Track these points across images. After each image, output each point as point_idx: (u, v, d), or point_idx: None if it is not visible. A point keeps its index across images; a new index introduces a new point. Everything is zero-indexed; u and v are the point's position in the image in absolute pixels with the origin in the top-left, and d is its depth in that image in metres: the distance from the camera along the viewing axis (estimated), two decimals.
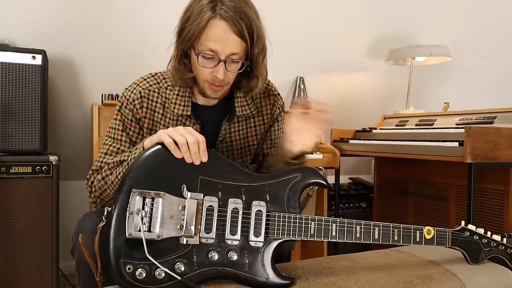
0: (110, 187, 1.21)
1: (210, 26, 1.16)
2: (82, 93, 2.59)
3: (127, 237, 1.00)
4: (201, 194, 1.07)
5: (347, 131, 2.89)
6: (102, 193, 1.25)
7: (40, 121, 2.06)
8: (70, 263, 2.32)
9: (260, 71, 1.29)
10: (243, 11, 1.17)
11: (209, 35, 1.17)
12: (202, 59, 1.20)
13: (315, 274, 1.18)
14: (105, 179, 1.23)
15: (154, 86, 1.32)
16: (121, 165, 1.19)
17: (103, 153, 1.29)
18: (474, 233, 1.29)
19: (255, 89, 1.34)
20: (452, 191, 2.38)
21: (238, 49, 1.19)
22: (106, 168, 1.24)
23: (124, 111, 1.30)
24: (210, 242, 1.06)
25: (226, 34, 1.17)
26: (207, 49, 1.18)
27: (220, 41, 1.17)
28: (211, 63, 1.20)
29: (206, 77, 1.23)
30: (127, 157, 1.18)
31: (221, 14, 1.15)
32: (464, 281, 1.19)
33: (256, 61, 1.25)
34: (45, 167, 2.02)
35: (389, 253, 1.41)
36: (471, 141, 1.85)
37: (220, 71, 1.20)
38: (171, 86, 1.32)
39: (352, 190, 3.06)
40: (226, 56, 1.19)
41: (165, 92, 1.32)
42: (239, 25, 1.16)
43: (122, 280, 0.98)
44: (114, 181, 1.19)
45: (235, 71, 1.25)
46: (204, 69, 1.21)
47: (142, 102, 1.29)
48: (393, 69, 3.42)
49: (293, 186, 1.15)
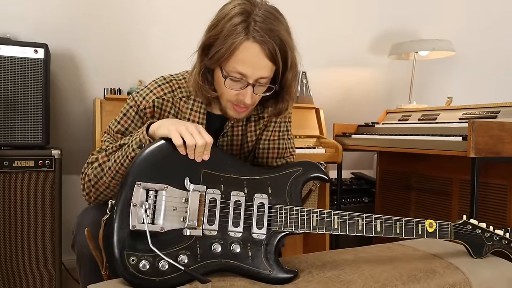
0: (107, 174, 1.16)
1: (242, 48, 1.10)
2: (84, 87, 2.59)
3: (131, 229, 1.00)
4: (204, 186, 1.07)
5: (349, 125, 2.89)
6: (97, 182, 1.19)
7: (43, 115, 2.06)
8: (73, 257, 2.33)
9: (291, 95, 1.25)
10: (278, 33, 1.11)
11: (240, 58, 1.11)
12: (230, 82, 1.15)
13: (318, 268, 1.18)
14: (102, 166, 1.18)
15: (169, 95, 1.26)
16: (120, 149, 1.15)
17: (101, 148, 1.25)
18: (477, 227, 1.30)
19: (284, 112, 1.30)
20: (455, 186, 2.38)
21: (268, 73, 1.15)
22: (103, 155, 1.19)
23: (133, 116, 1.25)
24: (213, 234, 1.06)
25: (258, 58, 1.11)
26: (236, 71, 1.13)
27: (251, 65, 1.12)
28: (238, 85, 1.16)
29: (231, 98, 1.19)
30: (127, 140, 1.14)
31: (254, 37, 1.09)
32: (467, 275, 1.19)
33: (289, 86, 1.21)
34: (48, 161, 2.02)
35: (392, 247, 1.41)
36: (474, 135, 1.85)
37: (247, 95, 1.16)
38: (186, 97, 1.27)
39: (354, 185, 3.06)
40: (255, 80, 1.14)
41: (178, 103, 1.27)
42: (272, 49, 1.11)
43: (126, 272, 0.99)
44: (112, 166, 1.15)
45: (262, 94, 1.21)
46: (230, 90, 1.17)
47: (154, 112, 1.25)
48: (396, 63, 3.42)
49: (294, 179, 1.16)
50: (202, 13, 1.26)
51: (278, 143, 1.40)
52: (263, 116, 1.36)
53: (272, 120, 1.38)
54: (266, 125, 1.39)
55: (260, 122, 1.37)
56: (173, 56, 2.64)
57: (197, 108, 1.28)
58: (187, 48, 1.29)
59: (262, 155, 1.40)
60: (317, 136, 2.80)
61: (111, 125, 1.28)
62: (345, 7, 3.21)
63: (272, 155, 1.40)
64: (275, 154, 1.40)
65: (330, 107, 3.15)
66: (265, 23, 1.11)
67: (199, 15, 1.29)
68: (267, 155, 1.40)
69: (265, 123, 1.38)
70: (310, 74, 3.12)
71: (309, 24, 3.02)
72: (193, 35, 1.26)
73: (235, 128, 1.34)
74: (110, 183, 1.17)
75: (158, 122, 1.11)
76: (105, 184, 1.18)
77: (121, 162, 1.12)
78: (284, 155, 1.42)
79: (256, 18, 1.11)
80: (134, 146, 1.10)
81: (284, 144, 1.42)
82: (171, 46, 2.68)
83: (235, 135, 1.35)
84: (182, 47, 2.63)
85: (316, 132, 2.83)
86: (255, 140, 1.39)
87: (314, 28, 3.04)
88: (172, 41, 2.69)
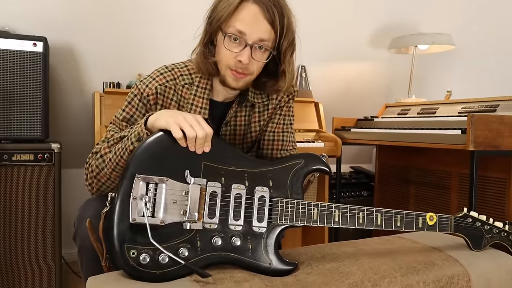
0: (108, 165, 1.17)
1: (242, 7, 1.15)
2: (84, 81, 2.58)
3: (131, 222, 1.00)
4: (204, 179, 1.07)
5: (348, 119, 2.89)
6: (99, 173, 1.19)
7: (42, 109, 2.05)
8: (73, 250, 2.33)
9: (287, 67, 1.26)
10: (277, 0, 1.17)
11: (239, 17, 1.15)
12: (229, 41, 1.17)
13: (317, 260, 1.18)
14: (104, 157, 1.19)
15: (171, 83, 1.27)
16: (121, 141, 1.15)
17: (106, 137, 1.26)
18: (476, 220, 1.30)
19: (283, 89, 1.31)
20: (454, 180, 2.38)
21: (266, 36, 1.17)
22: (105, 146, 1.19)
23: (137, 104, 1.26)
24: (213, 228, 1.06)
25: (257, 18, 1.15)
26: (235, 30, 1.16)
27: (250, 24, 1.15)
28: (237, 47, 1.17)
29: (230, 61, 1.20)
30: (127, 133, 1.14)
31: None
32: (466, 267, 1.20)
33: (284, 54, 1.23)
34: (47, 155, 2.01)
35: (391, 240, 1.42)
36: (473, 129, 1.85)
37: (245, 55, 1.17)
38: (188, 84, 1.28)
39: (354, 178, 3.06)
40: (253, 40, 1.16)
41: (181, 90, 1.28)
42: (271, 12, 1.15)
43: (126, 264, 0.99)
44: (112, 158, 1.15)
45: (261, 61, 1.21)
46: (229, 52, 1.18)
47: (157, 98, 1.26)
48: (395, 57, 3.41)
49: (296, 172, 1.16)
50: (200, 5, 1.26)
51: (282, 135, 1.42)
52: (268, 106, 1.38)
53: (277, 113, 1.41)
54: (271, 117, 1.41)
55: (265, 113, 1.38)
56: (172, 49, 2.64)
57: (200, 94, 1.28)
58: (186, 41, 1.29)
59: (267, 147, 1.42)
60: (317, 130, 2.80)
61: (117, 114, 1.29)
62: (345, 0, 3.20)
63: (277, 147, 1.42)
64: (279, 146, 1.42)
65: (329, 101, 3.15)
66: None
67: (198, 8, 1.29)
68: (272, 146, 1.41)
69: (270, 115, 1.40)
70: (309, 68, 3.12)
71: (309, 17, 3.00)
72: (193, 28, 1.26)
73: (238, 118, 1.35)
74: (111, 174, 1.17)
75: (155, 114, 1.11)
76: (106, 176, 1.19)
77: (121, 155, 1.12)
78: (287, 148, 1.44)
79: None
80: (133, 139, 1.09)
81: (288, 137, 1.44)
82: (171, 39, 2.67)
83: (238, 125, 1.36)
84: (182, 40, 2.63)
85: (315, 126, 2.83)
86: (258, 131, 1.40)
87: (314, 22, 3.03)
88: (171, 34, 2.68)
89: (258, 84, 1.31)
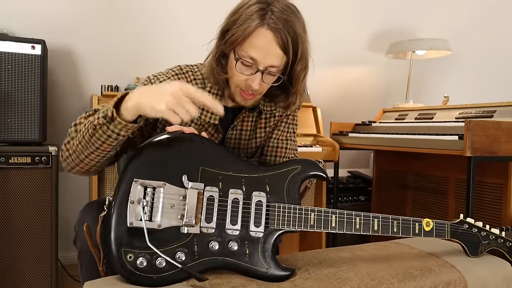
0: (77, 135, 1.11)
1: (256, 34, 1.14)
2: (82, 83, 2.58)
3: (128, 226, 1.00)
4: (202, 184, 1.07)
5: (346, 124, 2.89)
6: (69, 142, 1.14)
7: (40, 112, 2.05)
8: (69, 254, 2.33)
9: (299, 88, 1.27)
10: (292, 25, 1.15)
11: (252, 43, 1.15)
12: (240, 65, 1.18)
13: (315, 266, 1.18)
14: (77, 127, 1.14)
15: None
16: (93, 114, 1.09)
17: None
18: (473, 226, 1.30)
19: (292, 106, 1.33)
20: (451, 185, 2.39)
21: (278, 62, 1.17)
22: (81, 116, 1.15)
23: None
24: (210, 232, 1.06)
25: (270, 45, 1.15)
26: (247, 56, 1.16)
27: (262, 51, 1.15)
28: (248, 71, 1.18)
29: (240, 83, 1.21)
30: (101, 107, 1.08)
31: (269, 24, 1.13)
32: (463, 273, 1.20)
33: (297, 78, 1.23)
34: (45, 158, 2.01)
35: (388, 246, 1.42)
36: (471, 134, 1.85)
37: (255, 81, 1.18)
38: (201, 89, 1.27)
39: (351, 183, 3.06)
40: (265, 67, 1.17)
41: None
42: (285, 39, 1.14)
43: (123, 268, 0.98)
44: (82, 129, 1.09)
45: (270, 83, 1.23)
46: (240, 75, 1.19)
47: None
48: (393, 62, 3.42)
49: (292, 177, 1.16)
50: (199, 10, 1.27)
51: (286, 143, 1.45)
52: (275, 114, 1.39)
53: (282, 121, 1.43)
54: (277, 125, 1.43)
55: (271, 120, 1.40)
56: (171, 53, 2.65)
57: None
58: (186, 46, 1.29)
59: (270, 153, 1.43)
60: (314, 135, 2.81)
61: None
62: (343, 5, 3.21)
63: (280, 154, 1.44)
64: (282, 153, 1.44)
65: (327, 105, 3.15)
66: (281, 14, 1.15)
67: (196, 15, 1.29)
68: (275, 153, 1.43)
69: (276, 122, 1.42)
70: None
71: (307, 22, 3.01)
72: (193, 33, 1.26)
73: (245, 123, 1.36)
74: (77, 147, 1.11)
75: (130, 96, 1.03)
76: (74, 147, 1.13)
77: (87, 128, 1.07)
78: (289, 156, 1.46)
79: (274, 9, 1.15)
80: (101, 114, 1.03)
81: (291, 144, 1.46)
82: (170, 43, 2.68)
83: (244, 130, 1.37)
84: (181, 44, 2.64)
85: (313, 130, 2.83)
86: (263, 137, 1.41)
87: (312, 27, 3.02)
88: (170, 38, 2.69)
89: (270, 95, 1.32)
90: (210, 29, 1.27)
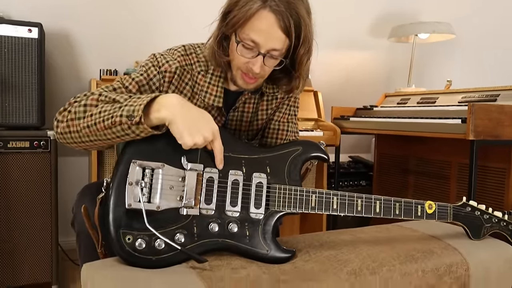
0: (86, 118, 1.06)
1: (258, 16, 1.11)
2: (80, 67, 2.56)
3: (127, 208, 0.99)
4: (201, 165, 1.06)
5: (347, 108, 2.87)
6: (73, 119, 1.08)
7: (38, 96, 2.03)
8: (70, 238, 2.33)
9: (302, 72, 1.25)
10: (295, 7, 1.12)
11: (254, 25, 1.12)
12: (242, 48, 1.16)
13: (316, 248, 1.18)
14: (87, 108, 1.08)
15: (189, 67, 1.26)
16: (112, 104, 1.06)
17: (100, 90, 1.14)
18: (476, 209, 1.30)
19: (295, 90, 1.31)
20: (453, 169, 2.38)
21: (280, 46, 1.15)
22: (94, 98, 1.09)
23: (154, 75, 1.21)
24: (210, 214, 1.05)
25: (272, 28, 1.12)
26: (249, 39, 1.13)
27: (264, 34, 1.12)
28: (249, 54, 1.16)
29: (241, 66, 1.19)
30: (123, 100, 1.04)
31: (271, 6, 1.10)
32: (465, 255, 1.19)
33: (300, 62, 1.21)
34: (43, 142, 2.00)
35: (390, 228, 1.41)
36: (474, 118, 1.84)
37: (257, 64, 1.16)
38: (204, 71, 1.27)
39: (352, 168, 3.06)
40: (266, 50, 1.14)
41: (196, 76, 1.27)
42: (287, 22, 1.11)
43: (122, 250, 0.98)
44: (94, 115, 1.05)
45: (272, 67, 1.21)
46: (241, 58, 1.17)
47: (173, 79, 1.23)
48: (395, 46, 3.39)
49: (293, 159, 1.15)
50: None
51: (287, 125, 1.44)
52: (277, 96, 1.38)
53: (284, 103, 1.41)
54: (278, 107, 1.41)
55: (273, 102, 1.39)
56: (171, 36, 2.62)
57: (215, 82, 1.27)
58: (185, 28, 1.27)
59: (271, 135, 1.42)
60: (315, 119, 2.79)
61: (132, 75, 1.22)
62: None
63: (281, 136, 1.42)
64: (283, 135, 1.43)
65: (328, 90, 3.13)
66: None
67: None
68: (276, 135, 1.42)
69: (277, 105, 1.41)
70: None
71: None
72: (192, 16, 1.24)
73: (246, 105, 1.35)
74: (83, 129, 1.07)
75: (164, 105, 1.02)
76: (78, 127, 1.07)
77: (103, 118, 1.03)
78: (290, 138, 1.45)
79: None
80: (124, 113, 1.00)
81: (292, 127, 1.45)
82: (169, 26, 2.65)
83: (245, 111, 1.35)
84: (181, 27, 2.61)
85: (314, 115, 2.82)
86: (265, 119, 1.40)
87: (313, 11, 3.00)
88: (170, 21, 2.65)
89: (272, 78, 1.30)
90: (212, 11, 1.24)
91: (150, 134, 1.02)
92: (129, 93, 1.17)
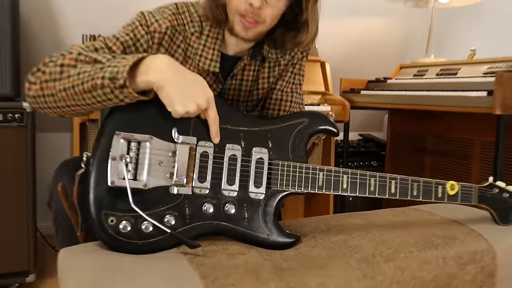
0: (62, 81, 1.01)
1: None
2: (60, 32, 2.53)
3: (110, 186, 0.97)
4: (194, 138, 1.04)
5: (358, 81, 2.84)
6: (47, 81, 1.03)
7: (12, 63, 1.99)
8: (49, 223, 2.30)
9: (310, 16, 1.20)
10: None
11: None
12: None
13: (323, 232, 1.16)
14: (64, 68, 1.02)
15: (181, 28, 1.22)
16: (92, 64, 1.01)
17: (82, 48, 1.09)
18: (504, 190, 1.28)
19: (304, 43, 1.26)
20: (475, 148, 2.36)
21: None
22: (72, 57, 1.04)
23: (141, 35, 1.17)
24: (204, 193, 1.03)
25: None
26: None
27: None
28: None
29: (240, 5, 1.13)
30: (106, 60, 1.00)
31: None
32: (491, 242, 1.17)
33: (306, 1, 1.17)
34: (18, 115, 1.96)
35: (406, 212, 1.40)
36: (502, 89, 1.81)
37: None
38: (198, 32, 1.23)
39: (362, 147, 3.07)
40: None
41: (189, 38, 1.23)
42: None
43: (104, 233, 0.96)
44: (72, 76, 1.00)
45: (275, 6, 1.15)
46: None
47: (163, 40, 1.20)
48: (412, 12, 3.34)
49: (299, 132, 1.13)
50: None
51: (291, 96, 1.40)
52: (280, 62, 1.34)
53: (288, 70, 1.38)
54: (281, 74, 1.38)
55: (275, 70, 1.35)
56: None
57: (211, 45, 1.24)
58: None
59: (273, 107, 1.39)
60: (322, 92, 2.77)
61: (116, 34, 1.17)
62: None
63: (284, 107, 1.39)
64: (287, 107, 1.39)
65: (337, 60, 3.10)
66: None
67: None
68: (279, 107, 1.38)
69: (280, 72, 1.37)
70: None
71: None
72: None
73: (246, 72, 1.31)
74: (58, 93, 1.02)
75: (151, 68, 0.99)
76: (53, 89, 1.03)
77: (82, 80, 0.99)
78: (294, 110, 1.41)
79: None
80: (107, 74, 0.96)
81: (296, 97, 1.41)
82: None
83: (245, 80, 1.32)
84: None
85: (321, 88, 2.79)
86: (266, 88, 1.37)
87: None
88: None
89: (274, 38, 1.26)
90: None
91: (135, 100, 0.98)
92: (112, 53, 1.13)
